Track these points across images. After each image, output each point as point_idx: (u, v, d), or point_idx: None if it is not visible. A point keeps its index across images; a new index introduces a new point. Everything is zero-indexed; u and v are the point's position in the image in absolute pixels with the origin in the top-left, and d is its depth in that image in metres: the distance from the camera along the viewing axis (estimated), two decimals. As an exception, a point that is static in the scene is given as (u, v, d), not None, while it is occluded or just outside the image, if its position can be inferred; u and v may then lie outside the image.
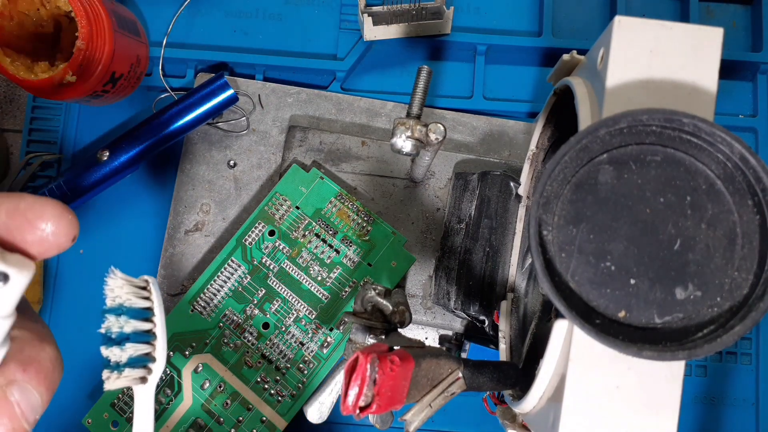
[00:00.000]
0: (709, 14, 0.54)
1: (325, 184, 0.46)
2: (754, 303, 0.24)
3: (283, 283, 0.45)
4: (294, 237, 0.46)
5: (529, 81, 0.54)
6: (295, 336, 0.44)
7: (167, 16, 0.53)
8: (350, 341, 0.37)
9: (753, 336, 0.51)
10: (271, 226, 0.46)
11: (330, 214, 0.46)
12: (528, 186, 0.42)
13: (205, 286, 0.46)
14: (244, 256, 0.46)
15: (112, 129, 0.52)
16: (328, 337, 0.45)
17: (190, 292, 0.46)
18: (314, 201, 0.46)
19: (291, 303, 0.45)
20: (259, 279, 0.45)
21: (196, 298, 0.46)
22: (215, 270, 0.46)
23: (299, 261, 0.45)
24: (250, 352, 0.45)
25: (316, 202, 0.46)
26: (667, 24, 0.28)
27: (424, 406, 0.30)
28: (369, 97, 0.52)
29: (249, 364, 0.45)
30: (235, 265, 0.45)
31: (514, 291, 0.42)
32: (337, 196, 0.46)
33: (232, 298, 0.46)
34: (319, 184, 0.46)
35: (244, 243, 0.46)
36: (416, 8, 0.49)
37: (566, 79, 0.33)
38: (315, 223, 0.46)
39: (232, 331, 0.45)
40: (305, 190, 0.46)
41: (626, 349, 0.23)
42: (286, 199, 0.46)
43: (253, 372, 0.45)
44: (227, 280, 0.46)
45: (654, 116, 0.24)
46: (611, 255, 0.25)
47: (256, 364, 0.45)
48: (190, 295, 0.46)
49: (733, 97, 0.53)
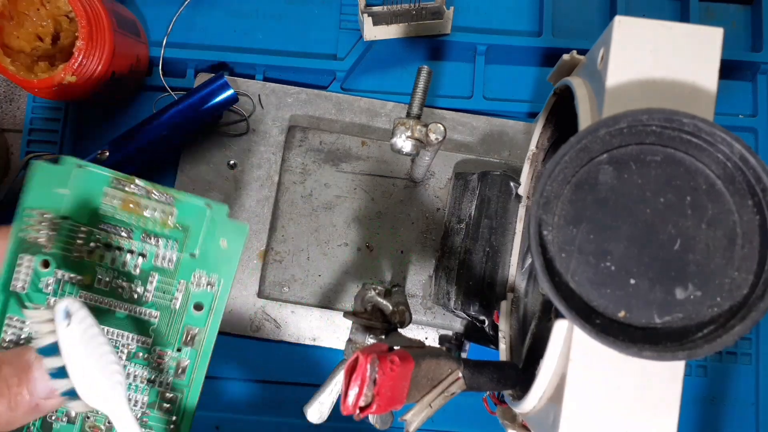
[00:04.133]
0: (709, 14, 0.54)
1: (87, 172, 0.32)
2: (754, 303, 0.24)
3: (100, 319, 0.32)
4: (76, 258, 0.32)
5: (529, 81, 0.54)
6: (140, 376, 0.33)
7: (167, 16, 0.53)
8: (350, 341, 0.37)
9: (753, 336, 0.51)
10: (40, 256, 0.32)
11: (112, 211, 0.33)
12: (528, 186, 0.42)
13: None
14: (23, 307, 0.32)
15: (112, 129, 0.52)
16: (180, 360, 0.34)
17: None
18: (83, 201, 0.33)
19: (114, 339, 0.33)
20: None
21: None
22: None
23: (99, 287, 0.33)
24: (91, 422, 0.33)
25: (87, 201, 0.33)
26: (667, 24, 0.28)
27: (424, 406, 0.30)
28: (369, 97, 0.52)
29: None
30: (17, 324, 0.31)
31: (514, 291, 0.42)
32: (112, 184, 0.33)
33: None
34: (80, 176, 0.32)
35: (14, 292, 0.31)
36: (416, 8, 0.49)
37: (566, 79, 0.33)
38: (97, 230, 0.32)
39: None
40: (65, 190, 0.32)
41: (626, 349, 0.23)
42: (44, 213, 0.32)
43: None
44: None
45: (654, 116, 0.24)
46: (611, 255, 0.25)
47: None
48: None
49: (733, 97, 0.53)
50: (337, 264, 0.49)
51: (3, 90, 0.55)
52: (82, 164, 0.32)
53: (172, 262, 0.34)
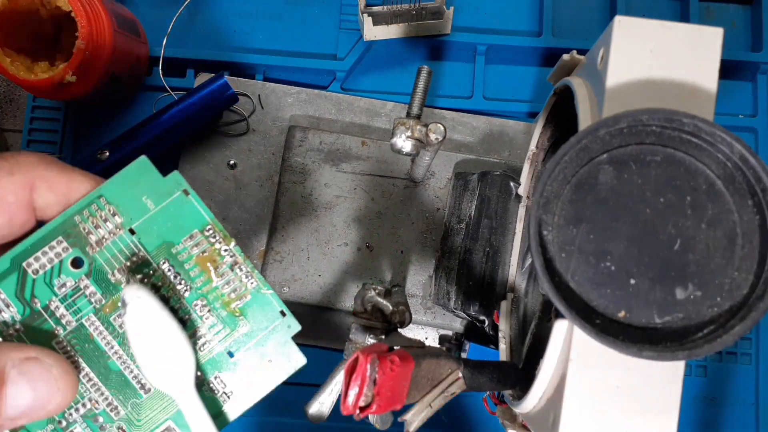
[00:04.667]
0: (709, 14, 0.54)
1: (189, 204, 0.28)
2: (754, 303, 0.24)
3: (78, 352, 0.27)
4: (114, 279, 0.28)
5: (529, 81, 0.54)
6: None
7: (167, 16, 0.53)
8: (350, 341, 0.37)
9: (753, 336, 0.51)
10: (78, 252, 0.27)
11: (185, 257, 0.28)
12: (528, 186, 0.42)
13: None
14: (21, 291, 0.27)
15: (112, 129, 0.52)
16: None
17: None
18: (164, 227, 0.28)
19: (85, 387, 0.27)
20: (37, 336, 0.27)
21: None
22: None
23: (114, 322, 0.28)
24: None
25: (167, 230, 0.28)
26: (667, 24, 0.28)
27: (424, 406, 0.30)
28: (369, 97, 0.52)
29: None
30: (1, 301, 0.27)
31: (514, 291, 0.42)
32: (205, 230, 0.28)
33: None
34: (178, 203, 0.28)
35: (25, 268, 0.27)
36: (416, 8, 0.49)
37: (566, 79, 0.33)
38: (156, 265, 0.28)
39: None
40: (152, 205, 0.28)
41: (626, 349, 0.23)
42: (114, 212, 0.27)
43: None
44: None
45: (654, 116, 0.24)
46: (611, 255, 0.25)
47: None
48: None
49: (733, 97, 0.53)
50: (337, 264, 0.49)
51: (3, 90, 0.55)
52: (189, 191, 0.28)
53: (207, 348, 0.28)
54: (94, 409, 0.27)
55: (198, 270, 0.28)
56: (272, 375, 0.28)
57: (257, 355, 0.28)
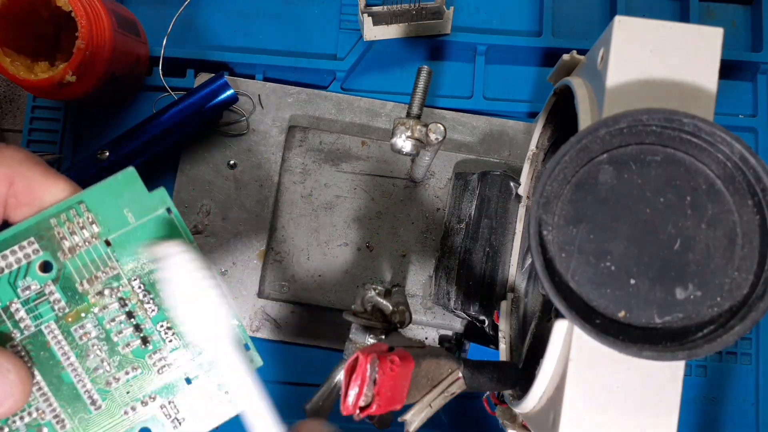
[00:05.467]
0: (709, 14, 0.54)
1: (170, 222, 0.27)
2: (754, 303, 0.24)
3: (32, 359, 0.26)
4: (82, 290, 0.27)
5: (529, 81, 0.54)
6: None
7: (167, 16, 0.53)
8: (350, 341, 0.37)
9: (753, 336, 0.51)
10: (49, 255, 0.26)
11: (158, 278, 0.27)
12: (528, 186, 0.42)
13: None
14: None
15: (112, 129, 0.52)
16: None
17: None
18: (139, 243, 0.27)
19: (34, 396, 0.26)
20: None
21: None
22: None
23: (75, 332, 0.27)
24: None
25: (142, 247, 0.27)
26: (667, 24, 0.28)
27: (424, 406, 0.30)
28: (369, 97, 0.52)
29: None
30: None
31: (514, 291, 0.42)
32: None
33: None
34: (159, 220, 0.27)
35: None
36: (416, 8, 0.49)
37: (566, 79, 0.33)
38: (127, 281, 0.27)
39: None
40: (133, 218, 0.27)
41: (626, 349, 0.23)
42: (93, 221, 0.27)
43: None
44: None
45: (654, 116, 0.24)
46: (611, 255, 0.25)
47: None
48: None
49: (733, 97, 0.53)
50: (337, 264, 0.49)
51: (3, 90, 0.55)
52: (172, 209, 0.28)
53: (165, 371, 0.27)
54: (39, 420, 0.26)
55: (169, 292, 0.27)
56: (227, 407, 0.28)
57: (215, 385, 0.28)
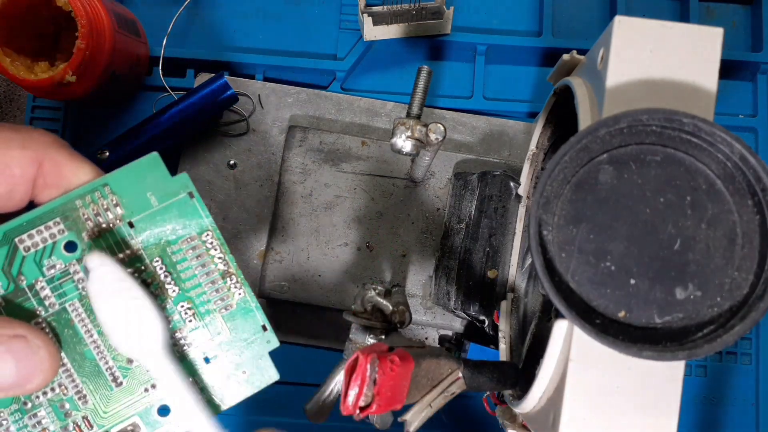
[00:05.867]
0: (709, 14, 0.54)
1: (192, 207, 0.28)
2: (754, 303, 0.24)
3: (57, 336, 0.27)
4: None
5: (529, 81, 0.54)
6: (41, 423, 0.27)
7: (167, 16, 0.53)
8: (350, 341, 0.37)
9: (753, 336, 0.51)
10: (73, 236, 0.27)
11: (179, 258, 0.28)
12: (528, 186, 0.42)
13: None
14: (8, 266, 0.27)
15: (112, 129, 0.52)
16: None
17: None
18: (163, 226, 0.28)
19: (57, 373, 0.27)
20: (17, 313, 0.27)
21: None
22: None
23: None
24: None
25: (166, 229, 0.28)
26: (667, 24, 0.28)
27: (424, 406, 0.30)
28: (369, 97, 0.52)
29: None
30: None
31: (514, 291, 0.42)
32: (203, 235, 0.28)
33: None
34: (181, 204, 0.28)
35: (17, 243, 0.27)
36: (416, 8, 0.49)
37: (566, 79, 0.33)
38: (149, 262, 0.28)
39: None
40: (156, 202, 0.28)
41: (626, 349, 0.23)
42: (117, 203, 0.27)
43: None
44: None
45: (654, 116, 0.24)
46: (611, 255, 0.25)
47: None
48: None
49: (733, 97, 0.53)
50: (337, 264, 0.49)
51: (3, 90, 0.55)
52: (195, 194, 0.28)
53: (185, 351, 0.28)
54: (62, 395, 0.27)
55: (189, 273, 0.28)
56: (244, 386, 0.28)
57: (233, 365, 0.28)
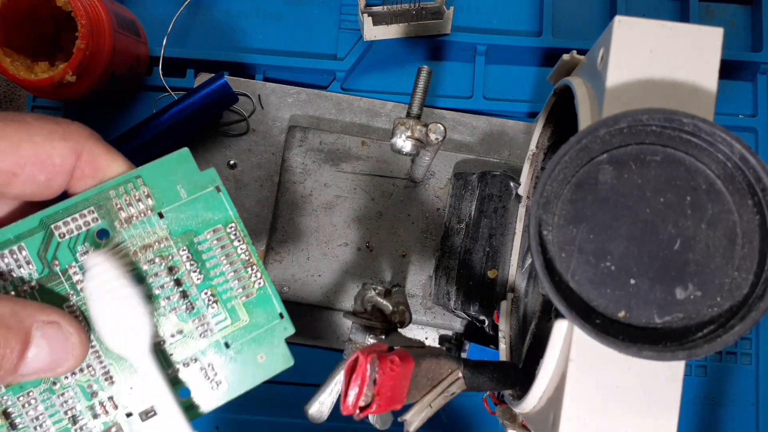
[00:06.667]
0: (709, 14, 0.54)
1: (219, 200, 0.30)
2: (754, 303, 0.24)
3: (85, 319, 0.28)
4: (134, 256, 0.29)
5: (529, 81, 0.54)
6: (68, 403, 0.28)
7: (167, 16, 0.53)
8: (350, 341, 0.37)
9: (753, 336, 0.51)
10: (106, 224, 0.28)
11: (205, 248, 0.29)
12: (528, 186, 0.42)
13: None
14: (44, 251, 0.28)
15: (112, 129, 0.52)
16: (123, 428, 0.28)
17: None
18: (191, 217, 0.30)
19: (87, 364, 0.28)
20: (50, 297, 0.28)
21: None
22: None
23: None
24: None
25: (194, 220, 0.30)
26: (667, 24, 0.28)
27: (424, 406, 0.30)
28: (369, 97, 0.52)
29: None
30: (22, 257, 0.27)
31: (514, 291, 0.42)
32: (228, 227, 0.30)
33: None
34: (209, 197, 0.30)
35: (52, 230, 0.28)
36: (416, 8, 0.49)
37: (566, 79, 0.33)
38: (177, 250, 0.29)
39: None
40: (185, 194, 0.29)
41: (626, 349, 0.23)
42: (148, 194, 0.29)
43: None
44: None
45: (654, 116, 0.24)
46: (611, 255, 0.25)
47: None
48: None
49: (733, 97, 0.53)
50: (337, 264, 0.49)
51: (3, 90, 0.55)
52: (221, 188, 0.30)
53: (207, 335, 0.29)
54: (89, 376, 0.28)
55: (214, 262, 0.29)
56: (261, 371, 0.30)
57: (251, 350, 0.30)
